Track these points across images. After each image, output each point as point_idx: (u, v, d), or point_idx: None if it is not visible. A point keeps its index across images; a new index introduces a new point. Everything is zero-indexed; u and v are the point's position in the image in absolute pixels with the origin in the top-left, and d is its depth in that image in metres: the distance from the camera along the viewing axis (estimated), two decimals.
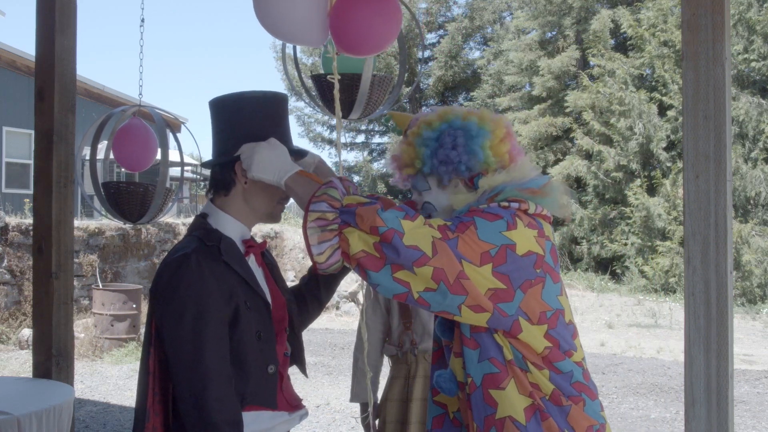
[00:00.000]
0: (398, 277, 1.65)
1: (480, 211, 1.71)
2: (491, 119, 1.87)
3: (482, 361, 1.72)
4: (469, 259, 1.64)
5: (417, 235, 1.64)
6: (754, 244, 15.70)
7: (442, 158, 1.82)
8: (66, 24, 3.90)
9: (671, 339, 11.08)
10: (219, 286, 1.81)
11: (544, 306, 1.71)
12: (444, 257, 1.63)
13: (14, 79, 15.59)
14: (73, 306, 3.96)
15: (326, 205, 1.70)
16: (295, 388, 2.08)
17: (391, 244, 1.63)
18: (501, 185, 1.79)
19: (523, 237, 1.69)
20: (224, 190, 1.95)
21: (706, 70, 2.56)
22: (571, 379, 1.73)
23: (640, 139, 17.77)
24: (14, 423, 2.88)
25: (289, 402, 1.99)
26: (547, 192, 1.81)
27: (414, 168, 1.88)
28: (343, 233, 1.69)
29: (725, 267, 2.52)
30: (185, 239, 1.91)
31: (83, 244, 10.74)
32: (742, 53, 16.85)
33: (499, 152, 1.83)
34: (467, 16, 27.00)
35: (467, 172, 1.82)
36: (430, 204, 1.89)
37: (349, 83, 2.72)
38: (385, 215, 1.65)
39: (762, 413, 6.97)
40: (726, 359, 2.51)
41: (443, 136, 1.83)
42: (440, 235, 1.65)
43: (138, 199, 3.91)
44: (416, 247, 1.63)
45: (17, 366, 8.26)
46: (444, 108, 1.90)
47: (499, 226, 1.68)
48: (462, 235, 1.65)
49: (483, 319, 1.67)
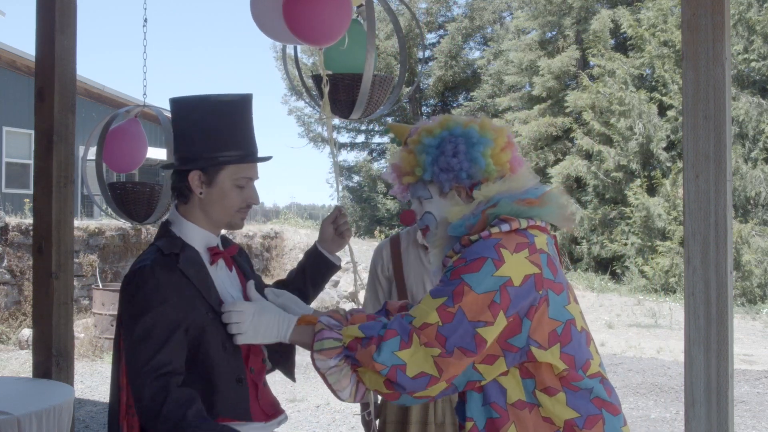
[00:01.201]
0: (418, 395, 1.69)
1: (463, 267, 1.68)
2: (493, 128, 1.85)
3: (485, 405, 1.72)
4: (482, 322, 1.63)
5: (418, 361, 1.65)
6: (754, 244, 15.69)
7: (443, 165, 1.81)
8: (66, 24, 3.90)
9: (671, 339, 11.07)
10: (176, 295, 1.79)
11: (553, 323, 1.69)
12: (451, 368, 1.64)
13: (14, 79, 15.60)
14: (73, 306, 3.96)
15: (332, 360, 1.73)
16: (296, 387, 2.07)
17: (397, 382, 1.66)
18: (497, 196, 1.78)
19: (515, 266, 1.67)
20: (182, 198, 1.92)
21: (706, 70, 2.56)
22: (590, 395, 1.71)
23: (640, 139, 17.76)
24: (14, 423, 2.88)
25: (265, 411, 1.97)
26: (545, 201, 1.79)
27: (414, 176, 1.87)
28: (357, 371, 1.74)
29: (725, 267, 2.52)
30: (148, 249, 1.89)
31: (83, 244, 10.74)
32: (742, 53, 16.84)
33: (500, 161, 1.82)
34: (467, 16, 26.99)
35: (468, 180, 1.81)
36: (430, 214, 1.88)
37: (350, 83, 2.72)
38: (381, 358, 1.66)
39: (762, 413, 6.97)
40: (726, 359, 2.51)
41: (444, 143, 1.81)
42: (441, 323, 1.64)
43: (144, 199, 3.92)
44: (422, 374, 1.65)
45: (17, 366, 8.26)
46: (445, 116, 1.89)
47: (488, 269, 1.65)
48: (461, 303, 1.64)
49: (501, 364, 1.68)
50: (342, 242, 2.29)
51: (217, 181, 1.89)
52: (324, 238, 2.27)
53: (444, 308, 1.65)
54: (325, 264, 2.26)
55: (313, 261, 2.26)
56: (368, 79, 2.65)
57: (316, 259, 2.26)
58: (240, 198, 1.91)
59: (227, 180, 1.89)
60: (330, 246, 2.27)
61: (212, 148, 1.86)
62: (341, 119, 2.88)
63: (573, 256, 19.40)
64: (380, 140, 29.04)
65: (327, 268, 2.27)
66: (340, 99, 2.76)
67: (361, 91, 2.67)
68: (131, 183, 3.94)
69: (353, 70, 2.72)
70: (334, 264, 2.27)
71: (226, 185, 1.89)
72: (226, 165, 1.88)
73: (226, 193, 1.89)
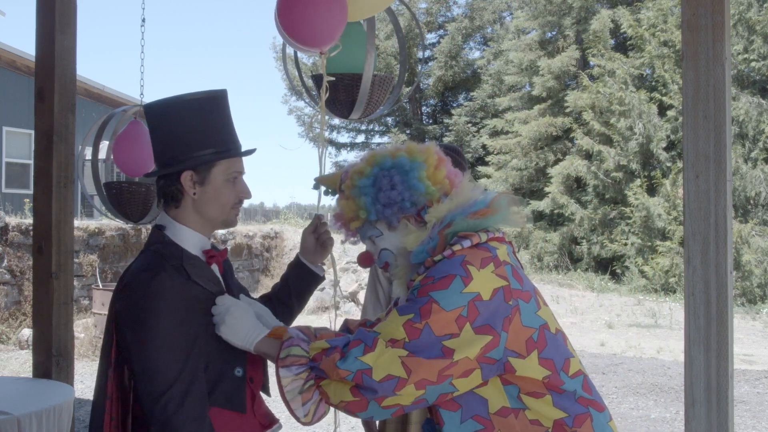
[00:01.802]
0: (386, 404, 1.65)
1: (431, 284, 1.68)
2: (419, 150, 1.85)
3: (465, 421, 1.71)
4: (448, 335, 1.62)
5: (384, 363, 1.63)
6: (754, 244, 15.69)
7: (384, 201, 1.80)
8: (66, 24, 3.90)
9: (671, 339, 11.07)
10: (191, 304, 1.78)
11: (528, 331, 1.70)
12: (420, 369, 1.62)
13: (14, 79, 15.60)
14: (73, 306, 3.96)
15: (295, 367, 1.72)
16: None
17: (364, 386, 1.64)
18: (448, 215, 1.78)
19: (483, 281, 1.67)
20: (174, 202, 1.89)
21: (706, 70, 2.56)
22: (575, 396, 1.72)
23: (640, 139, 17.76)
24: (14, 423, 2.88)
25: (261, 422, 1.97)
26: (496, 208, 1.79)
27: (360, 219, 1.86)
28: (321, 387, 1.71)
29: (725, 267, 2.52)
30: (146, 255, 1.85)
31: (83, 244, 10.74)
32: (742, 53, 16.84)
33: (438, 179, 1.82)
34: (467, 16, 26.99)
35: (413, 208, 1.81)
36: (386, 250, 1.87)
37: (350, 83, 2.72)
38: (345, 365, 1.64)
39: (762, 413, 6.97)
40: (726, 359, 2.51)
41: (379, 179, 1.80)
42: (408, 339, 1.63)
43: (140, 199, 3.91)
44: (389, 377, 1.62)
45: (17, 366, 8.26)
46: (369, 153, 1.88)
47: (457, 287, 1.66)
48: (429, 320, 1.63)
49: (477, 377, 1.67)
50: (324, 252, 2.24)
51: (210, 178, 1.87)
52: (306, 248, 2.23)
53: (411, 324, 1.64)
54: (308, 275, 2.22)
55: (296, 273, 2.22)
56: (368, 79, 2.65)
57: (299, 271, 2.22)
58: (233, 193, 1.90)
59: (220, 176, 1.88)
60: (312, 257, 2.23)
61: (199, 147, 1.85)
62: (341, 119, 2.88)
63: (573, 256, 19.40)
64: (380, 140, 29.04)
65: (311, 280, 2.23)
66: (340, 99, 2.76)
67: (361, 91, 2.67)
68: (127, 183, 3.93)
69: (353, 70, 2.72)
70: (318, 275, 2.23)
71: (219, 182, 1.88)
72: (218, 161, 1.87)
73: (219, 189, 1.88)
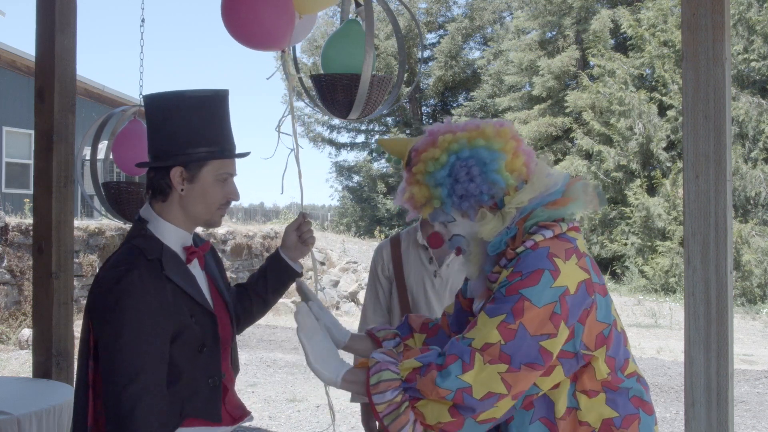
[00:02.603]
0: (482, 419, 1.62)
1: (519, 281, 1.62)
2: (496, 134, 1.75)
3: (533, 422, 1.68)
4: (545, 335, 1.59)
5: (484, 380, 1.58)
6: (754, 244, 15.70)
7: (461, 193, 1.72)
8: (66, 24, 3.90)
9: (671, 339, 11.07)
10: (161, 303, 1.76)
11: (600, 326, 1.67)
12: (519, 382, 1.59)
13: (14, 79, 15.59)
14: (73, 306, 3.96)
15: (389, 392, 1.65)
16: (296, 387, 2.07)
17: (464, 405, 1.59)
18: (528, 205, 1.72)
19: (570, 274, 1.63)
20: (161, 195, 1.88)
21: (706, 70, 2.56)
22: (629, 393, 1.70)
23: (640, 139, 17.77)
24: (14, 423, 2.88)
25: (232, 414, 1.96)
26: (573, 196, 1.74)
27: (432, 207, 1.79)
28: (416, 408, 1.65)
29: (725, 267, 2.52)
30: (124, 249, 1.84)
31: (83, 244, 10.74)
32: (742, 53, 16.85)
33: (515, 167, 1.74)
34: (467, 16, 27.00)
35: (491, 200, 1.74)
36: (459, 236, 1.81)
37: (349, 83, 2.72)
38: (445, 384, 1.59)
39: (762, 413, 6.97)
40: (726, 359, 2.51)
41: (455, 170, 1.72)
42: (504, 342, 1.58)
43: (139, 199, 3.90)
44: (490, 394, 1.58)
45: (17, 366, 8.26)
46: (443, 137, 1.77)
47: (546, 281, 1.61)
48: (522, 319, 1.59)
49: (559, 373, 1.65)
50: (305, 250, 2.26)
51: (199, 177, 1.86)
52: (287, 244, 2.24)
53: (505, 326, 1.59)
54: (286, 271, 2.23)
55: (274, 267, 2.23)
56: (366, 79, 2.65)
57: (278, 265, 2.23)
58: (221, 194, 1.89)
59: (209, 176, 1.87)
60: (293, 253, 2.24)
61: (192, 144, 1.84)
62: (340, 119, 2.88)
63: None
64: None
65: (288, 275, 2.24)
66: (339, 99, 2.76)
67: (360, 92, 2.67)
68: (125, 183, 3.92)
69: (352, 70, 2.72)
70: (295, 271, 2.25)
71: (208, 181, 1.87)
72: (209, 160, 1.86)
73: (207, 189, 1.87)
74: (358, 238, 20.49)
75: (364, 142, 29.30)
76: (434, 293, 2.84)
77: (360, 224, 26.30)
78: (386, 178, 26.74)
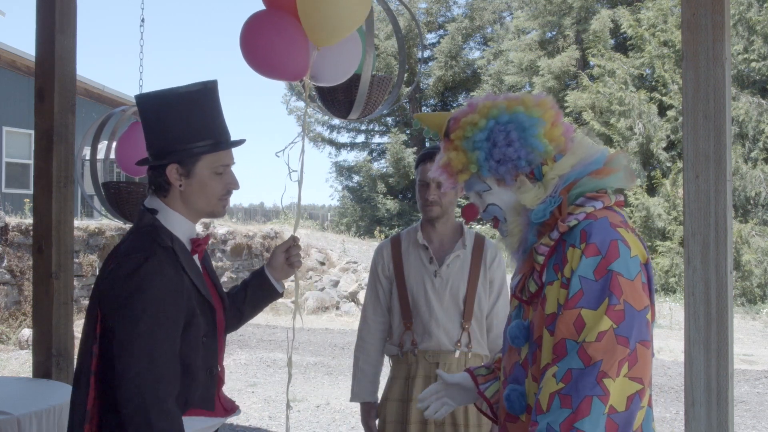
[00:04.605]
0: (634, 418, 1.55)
1: (602, 258, 1.56)
2: (536, 104, 1.74)
3: None
4: (646, 307, 1.55)
5: (618, 391, 1.50)
6: (754, 244, 15.70)
7: (499, 158, 1.70)
8: (66, 24, 3.90)
9: (671, 339, 11.07)
10: (178, 290, 1.80)
11: None
12: (646, 370, 1.53)
13: (14, 79, 15.59)
14: (73, 306, 3.96)
15: None
16: (295, 388, 2.08)
17: (621, 427, 1.51)
18: (571, 173, 1.70)
19: (634, 244, 1.60)
20: (162, 191, 1.92)
21: (706, 70, 2.56)
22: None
23: (640, 139, 17.77)
24: (14, 423, 2.88)
25: (225, 406, 1.99)
26: (615, 167, 1.72)
27: (468, 172, 1.77)
28: None
29: (725, 267, 2.52)
30: (137, 237, 1.86)
31: (83, 244, 10.74)
32: (742, 53, 16.85)
33: (554, 136, 1.71)
34: (467, 16, 27.01)
35: (528, 167, 1.71)
36: (494, 205, 1.78)
37: (349, 83, 2.72)
38: (587, 426, 1.47)
39: (762, 413, 6.97)
40: (726, 359, 2.51)
41: (494, 133, 1.70)
42: (616, 325, 1.51)
43: (138, 199, 3.90)
44: (629, 398, 1.51)
45: (17, 366, 8.26)
46: (483, 103, 1.76)
47: (625, 252, 1.57)
48: (624, 296, 1.53)
49: None
50: (290, 272, 2.30)
51: (195, 172, 1.90)
52: (273, 264, 2.28)
53: (612, 309, 1.52)
54: (267, 289, 2.26)
55: (257, 283, 2.27)
56: (366, 80, 2.65)
57: (261, 282, 2.27)
58: (221, 185, 1.92)
59: (205, 169, 1.90)
60: (277, 273, 2.27)
61: (186, 140, 1.87)
62: (341, 119, 2.88)
63: None
64: (380, 140, 29.05)
65: (268, 294, 2.27)
66: (339, 99, 2.76)
67: (359, 92, 2.67)
68: (125, 183, 3.92)
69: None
70: (276, 291, 2.28)
71: (204, 175, 1.90)
72: (202, 155, 1.89)
73: (206, 182, 1.90)
74: (358, 238, 20.50)
75: (364, 142, 29.31)
76: (434, 293, 2.84)
77: (360, 224, 26.30)
78: (386, 178, 26.74)
